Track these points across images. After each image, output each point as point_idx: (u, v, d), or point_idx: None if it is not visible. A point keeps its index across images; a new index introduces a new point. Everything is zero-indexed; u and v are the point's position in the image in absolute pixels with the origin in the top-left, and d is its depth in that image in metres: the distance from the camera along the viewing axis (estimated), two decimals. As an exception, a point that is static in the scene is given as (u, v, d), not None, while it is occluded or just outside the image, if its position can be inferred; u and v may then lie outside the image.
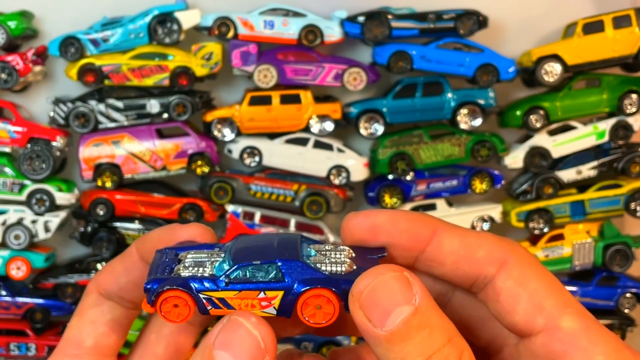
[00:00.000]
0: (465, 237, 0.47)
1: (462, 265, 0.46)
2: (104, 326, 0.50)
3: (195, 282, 0.45)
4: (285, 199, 2.09)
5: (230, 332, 0.42)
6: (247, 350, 0.41)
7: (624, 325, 2.18)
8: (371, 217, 0.48)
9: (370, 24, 1.99)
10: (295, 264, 0.44)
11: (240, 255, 0.46)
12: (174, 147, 2.05)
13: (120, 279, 0.52)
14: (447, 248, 0.47)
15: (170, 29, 1.98)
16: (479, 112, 2.06)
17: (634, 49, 2.04)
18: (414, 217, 0.48)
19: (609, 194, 2.13)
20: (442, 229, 0.47)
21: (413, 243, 0.47)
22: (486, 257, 0.46)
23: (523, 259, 0.47)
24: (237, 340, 0.41)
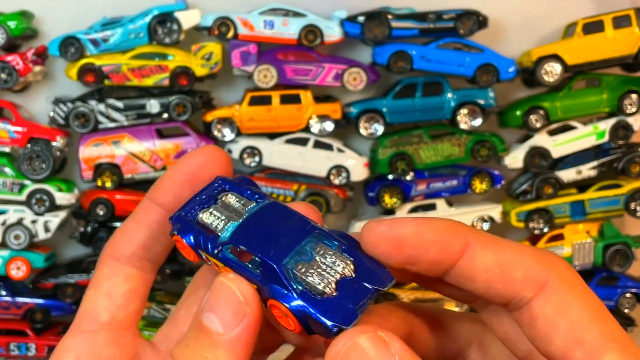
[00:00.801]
0: (501, 253, 0.42)
1: (496, 284, 0.42)
2: (121, 298, 0.47)
3: (200, 238, 0.45)
4: (285, 199, 2.08)
5: (214, 294, 0.42)
6: (229, 306, 0.41)
7: (624, 325, 2.18)
8: (395, 227, 0.42)
9: (370, 24, 1.99)
10: (271, 267, 0.42)
11: (242, 231, 0.45)
12: (174, 147, 2.05)
13: (137, 236, 0.48)
14: (479, 265, 0.42)
15: (170, 29, 1.98)
16: (479, 112, 2.06)
17: (634, 49, 2.04)
18: (443, 228, 0.42)
19: (609, 194, 2.13)
20: (475, 242, 0.42)
21: (442, 257, 0.42)
22: (523, 279, 0.41)
23: (565, 281, 0.41)
24: (220, 299, 0.42)
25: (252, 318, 0.42)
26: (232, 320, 0.41)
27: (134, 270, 0.48)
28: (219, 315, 0.41)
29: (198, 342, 0.42)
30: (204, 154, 0.47)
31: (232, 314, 0.41)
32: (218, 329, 0.41)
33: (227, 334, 0.41)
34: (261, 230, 0.45)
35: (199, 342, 0.41)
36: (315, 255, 0.44)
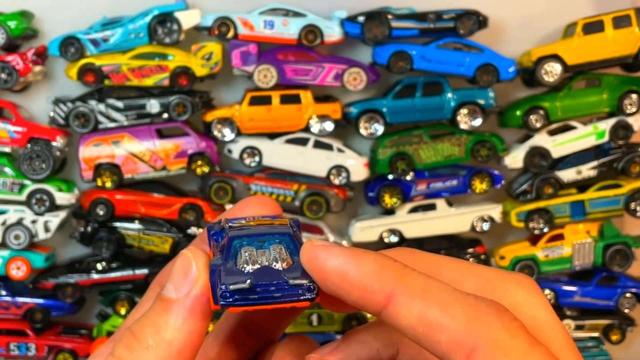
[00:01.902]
0: (426, 310, 0.37)
1: (423, 342, 0.38)
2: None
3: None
4: (285, 199, 2.08)
5: (175, 265, 0.43)
6: (182, 273, 0.42)
7: (624, 325, 2.18)
8: (321, 259, 0.40)
9: (370, 24, 1.99)
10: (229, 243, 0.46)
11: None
12: (174, 147, 2.05)
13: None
14: (403, 321, 0.38)
15: (170, 29, 1.98)
16: (479, 112, 2.06)
17: (634, 49, 2.04)
18: (367, 271, 0.39)
19: (609, 194, 2.13)
20: (399, 293, 0.38)
21: (363, 303, 0.39)
22: (448, 344, 0.37)
23: (496, 347, 0.36)
24: (177, 267, 0.43)
25: (203, 284, 0.42)
26: (183, 284, 0.42)
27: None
28: (174, 282, 0.42)
29: (153, 310, 0.42)
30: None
31: (184, 279, 0.42)
32: (172, 295, 0.42)
33: (179, 298, 0.42)
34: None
35: (154, 311, 0.42)
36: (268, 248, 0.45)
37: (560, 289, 2.16)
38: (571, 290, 2.17)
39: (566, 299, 2.17)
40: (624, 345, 2.23)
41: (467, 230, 2.14)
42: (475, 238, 2.19)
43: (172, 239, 2.08)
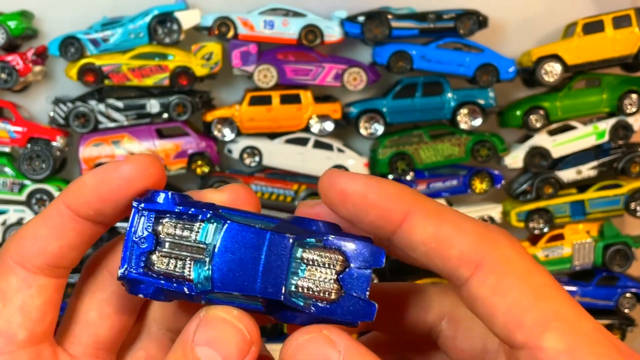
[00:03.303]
0: (439, 227, 0.39)
1: (433, 259, 0.40)
2: (37, 311, 0.41)
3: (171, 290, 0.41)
4: (285, 199, 2.09)
5: (211, 328, 0.39)
6: (234, 344, 0.39)
7: (624, 325, 2.18)
8: (344, 182, 0.41)
9: (370, 24, 1.99)
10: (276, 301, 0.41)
11: (220, 272, 0.41)
12: (174, 147, 2.05)
13: (51, 244, 0.41)
14: (417, 237, 0.40)
15: (170, 29, 1.98)
16: (479, 112, 2.06)
17: (634, 49, 2.04)
18: (387, 193, 0.40)
19: (609, 194, 2.13)
20: (416, 211, 0.40)
21: (381, 222, 0.40)
22: (459, 257, 0.39)
23: (504, 261, 0.39)
24: (221, 334, 0.39)
25: (255, 356, 0.40)
26: (235, 357, 0.39)
27: (47, 279, 0.42)
28: (220, 351, 0.39)
29: None
30: (137, 168, 0.41)
31: (237, 351, 0.39)
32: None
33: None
34: (239, 263, 0.41)
35: None
36: (306, 265, 0.42)
37: (560, 289, 2.16)
38: (571, 290, 2.17)
39: (566, 299, 2.17)
40: (624, 345, 2.23)
41: (467, 230, 2.14)
42: (475, 238, 2.18)
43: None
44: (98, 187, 0.41)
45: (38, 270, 0.42)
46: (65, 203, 0.41)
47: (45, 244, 0.41)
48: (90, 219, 0.41)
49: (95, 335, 0.44)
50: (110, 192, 0.41)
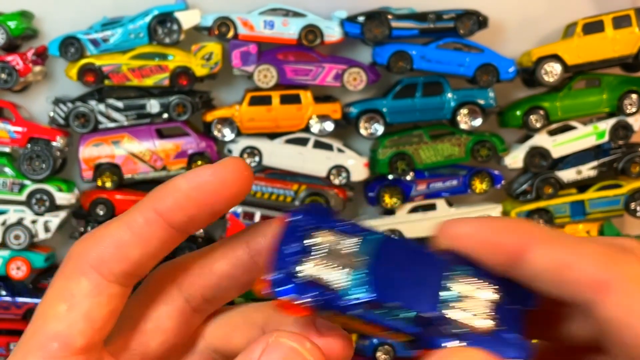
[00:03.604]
0: (559, 252, 0.37)
1: (557, 285, 0.38)
2: (101, 320, 0.38)
3: (324, 297, 0.39)
4: (285, 199, 2.09)
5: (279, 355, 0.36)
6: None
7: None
8: (456, 226, 0.40)
9: (370, 24, 1.99)
10: (430, 320, 0.40)
11: (377, 282, 0.40)
12: (174, 147, 2.05)
13: (133, 252, 0.39)
14: (537, 266, 0.38)
15: (170, 29, 1.98)
16: (479, 112, 2.06)
17: (634, 49, 2.04)
18: (498, 228, 0.39)
19: (609, 194, 2.13)
20: (532, 241, 0.38)
21: (498, 259, 0.39)
22: (579, 280, 0.37)
23: (633, 278, 0.36)
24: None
25: None
26: None
27: (119, 287, 0.40)
28: None
29: None
30: (231, 171, 0.39)
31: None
32: None
33: None
34: (395, 277, 0.40)
35: None
36: (458, 290, 0.41)
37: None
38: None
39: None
40: (624, 345, 2.23)
41: (467, 230, 2.14)
42: (475, 238, 2.18)
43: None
44: (193, 192, 0.38)
45: (113, 277, 0.39)
46: (156, 209, 0.39)
47: (128, 250, 0.39)
48: (181, 227, 0.39)
49: (146, 346, 0.42)
50: (207, 197, 0.38)
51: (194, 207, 0.38)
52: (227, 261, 0.40)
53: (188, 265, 0.42)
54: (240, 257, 0.40)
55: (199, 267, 0.41)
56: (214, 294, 0.41)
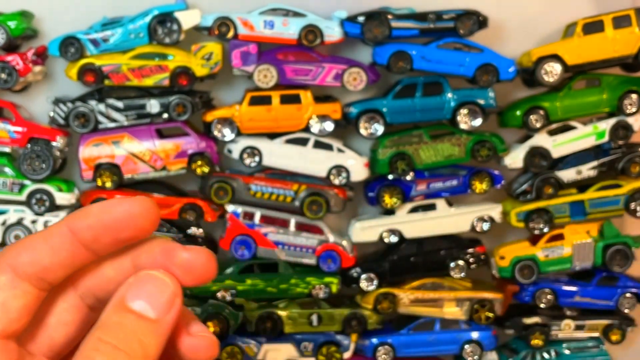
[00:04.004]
0: None
1: None
2: (15, 312, 0.46)
3: None
4: (285, 199, 2.09)
5: (143, 284, 0.45)
6: (164, 295, 0.45)
7: (624, 325, 2.18)
8: None
9: (370, 24, 1.99)
10: None
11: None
12: (174, 147, 2.05)
13: (44, 259, 0.47)
14: None
15: (170, 29, 1.98)
16: (479, 112, 2.06)
17: (634, 49, 2.04)
18: None
19: (609, 194, 2.13)
20: None
21: None
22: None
23: None
24: (152, 289, 0.45)
25: (179, 307, 0.46)
26: (165, 307, 0.45)
27: (31, 287, 0.47)
28: (151, 302, 0.45)
29: (129, 326, 0.44)
30: (139, 206, 0.47)
31: (166, 302, 0.45)
32: (150, 314, 0.45)
33: (160, 319, 0.45)
34: None
35: (131, 327, 0.44)
36: None
37: (560, 289, 2.16)
38: (571, 290, 2.17)
39: (566, 299, 2.17)
40: (624, 345, 2.23)
41: (467, 230, 2.14)
42: (475, 238, 2.19)
43: (172, 239, 2.08)
44: (102, 216, 0.46)
45: (26, 277, 0.46)
46: (68, 225, 0.46)
47: (40, 256, 0.46)
48: (87, 244, 0.46)
49: (51, 338, 0.49)
50: (112, 222, 0.46)
51: (100, 229, 0.46)
52: (114, 269, 0.48)
53: (84, 270, 0.49)
54: (125, 266, 0.48)
55: (92, 271, 0.49)
56: (104, 294, 0.48)
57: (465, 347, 2.16)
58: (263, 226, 2.09)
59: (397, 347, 2.14)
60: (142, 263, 0.47)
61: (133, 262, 0.48)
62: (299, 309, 2.11)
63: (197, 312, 2.10)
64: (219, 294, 2.10)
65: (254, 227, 2.09)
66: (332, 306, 2.13)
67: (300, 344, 2.12)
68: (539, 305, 2.15)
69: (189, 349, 0.48)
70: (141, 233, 0.47)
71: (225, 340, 2.11)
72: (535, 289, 2.14)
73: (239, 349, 2.10)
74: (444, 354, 2.22)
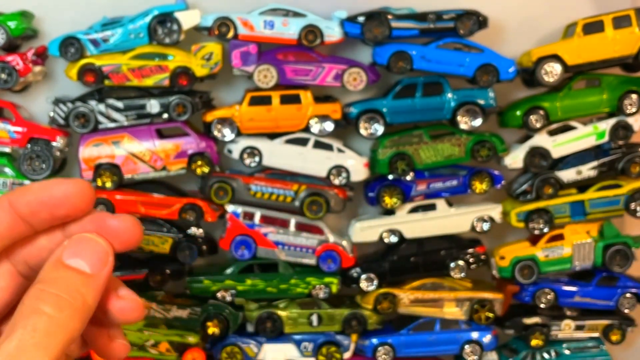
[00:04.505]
0: None
1: None
2: None
3: None
4: (285, 199, 2.09)
5: (78, 245, 0.50)
6: (97, 252, 0.50)
7: (624, 325, 2.18)
8: None
9: (370, 24, 1.99)
10: None
11: None
12: (174, 147, 2.05)
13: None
14: None
15: (170, 29, 1.98)
16: (479, 112, 2.06)
17: (634, 49, 2.04)
18: None
19: (609, 194, 2.13)
20: None
21: None
22: None
23: None
24: (86, 248, 0.50)
25: (112, 264, 0.50)
26: (99, 263, 0.50)
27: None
28: (87, 259, 0.49)
29: (68, 279, 0.49)
30: (75, 187, 0.51)
31: (99, 259, 0.50)
32: (86, 269, 0.49)
33: (95, 274, 0.49)
34: None
35: (70, 280, 0.49)
36: None
37: (560, 289, 2.16)
38: (571, 291, 2.17)
39: (566, 299, 2.17)
40: (624, 345, 2.23)
41: (467, 230, 2.14)
42: (475, 238, 2.19)
43: (172, 239, 2.08)
44: (40, 193, 0.51)
45: None
46: (9, 200, 0.51)
47: None
48: (25, 218, 0.51)
49: None
50: (49, 199, 0.51)
51: (38, 205, 0.51)
52: (47, 239, 0.52)
53: (19, 241, 0.53)
54: (57, 237, 0.52)
55: (25, 242, 0.53)
56: (37, 262, 0.52)
57: (465, 347, 2.16)
58: (263, 226, 2.09)
59: (397, 347, 2.15)
60: (73, 232, 0.52)
61: (64, 232, 0.52)
62: (299, 309, 2.11)
63: (197, 312, 2.10)
64: (219, 294, 2.10)
65: (254, 227, 2.09)
66: (332, 306, 2.13)
67: (300, 344, 2.12)
68: (539, 305, 2.15)
69: (118, 310, 0.52)
70: (76, 212, 0.51)
71: (225, 340, 2.11)
72: (535, 289, 2.14)
73: (239, 349, 2.10)
74: (444, 354, 2.22)
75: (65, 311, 0.48)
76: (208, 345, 2.12)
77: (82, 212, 0.52)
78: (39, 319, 0.47)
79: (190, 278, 2.11)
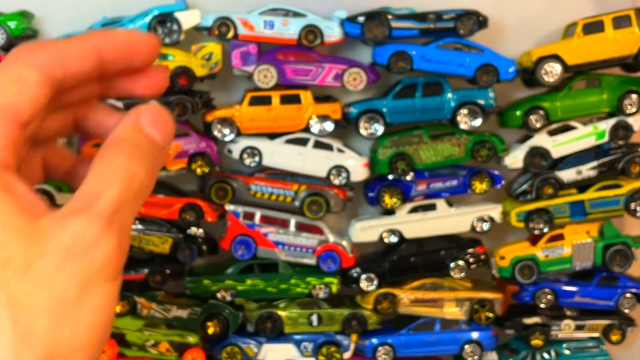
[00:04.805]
0: None
1: None
2: (35, 109, 0.49)
3: None
4: (285, 199, 2.09)
5: (153, 114, 0.54)
6: (169, 126, 0.53)
7: (624, 326, 2.18)
8: None
9: (370, 24, 1.99)
10: None
11: None
12: (174, 147, 2.05)
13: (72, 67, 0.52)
14: None
15: (170, 29, 1.98)
16: (479, 112, 2.06)
17: (634, 49, 2.04)
18: None
19: (609, 194, 2.13)
20: None
21: None
22: None
23: None
24: (160, 119, 0.53)
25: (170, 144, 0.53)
26: (168, 137, 0.52)
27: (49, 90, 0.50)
28: (160, 130, 0.52)
29: (147, 147, 0.51)
30: (153, 40, 0.55)
31: (169, 134, 0.52)
32: (158, 139, 0.52)
33: (164, 147, 0.52)
34: None
35: (144, 145, 0.51)
36: None
37: (560, 289, 2.16)
38: (571, 291, 2.17)
39: (566, 299, 2.17)
40: (624, 345, 2.23)
41: (467, 230, 2.14)
42: (475, 238, 2.19)
43: (172, 239, 2.08)
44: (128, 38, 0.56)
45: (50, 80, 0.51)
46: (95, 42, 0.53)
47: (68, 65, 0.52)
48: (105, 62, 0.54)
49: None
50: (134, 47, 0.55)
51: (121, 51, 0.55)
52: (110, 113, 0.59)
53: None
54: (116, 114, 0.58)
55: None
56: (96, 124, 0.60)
57: (465, 347, 2.16)
58: (263, 226, 2.09)
59: (397, 347, 2.15)
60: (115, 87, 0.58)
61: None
62: (299, 309, 2.11)
63: (197, 312, 2.10)
64: (219, 294, 2.10)
65: (254, 227, 2.09)
66: (332, 306, 2.13)
67: (300, 344, 2.12)
68: (539, 305, 2.15)
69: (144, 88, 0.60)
70: (146, 63, 0.57)
71: (225, 340, 2.11)
72: (535, 289, 2.15)
73: (239, 349, 2.10)
74: (444, 354, 2.22)
75: (150, 179, 0.49)
76: (208, 345, 2.12)
77: (149, 64, 0.56)
78: (133, 180, 0.47)
79: (190, 278, 2.11)
